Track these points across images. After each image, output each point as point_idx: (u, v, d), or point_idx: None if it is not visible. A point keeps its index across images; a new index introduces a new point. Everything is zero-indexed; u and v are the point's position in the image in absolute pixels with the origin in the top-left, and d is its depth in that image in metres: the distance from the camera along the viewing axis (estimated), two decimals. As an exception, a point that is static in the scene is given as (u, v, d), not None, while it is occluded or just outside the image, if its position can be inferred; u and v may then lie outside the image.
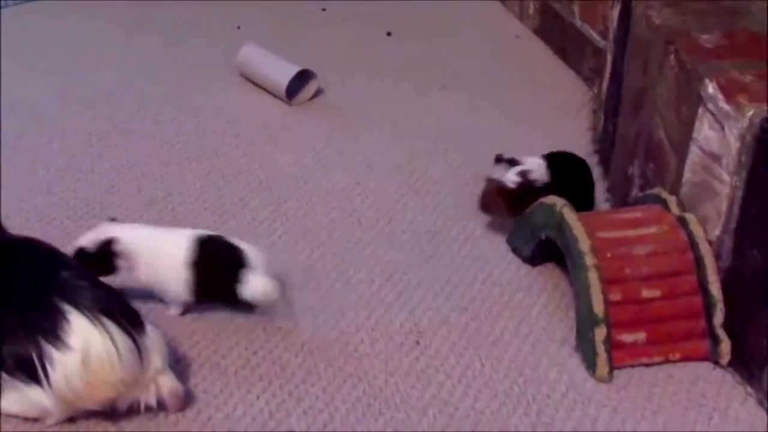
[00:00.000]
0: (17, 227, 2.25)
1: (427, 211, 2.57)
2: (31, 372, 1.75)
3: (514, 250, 2.36)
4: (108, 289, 1.86)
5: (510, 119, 3.03)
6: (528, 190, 2.31)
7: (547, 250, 2.24)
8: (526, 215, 2.25)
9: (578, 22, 3.28)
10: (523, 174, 2.32)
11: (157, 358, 1.81)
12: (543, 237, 2.19)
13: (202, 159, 2.79)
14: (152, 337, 1.81)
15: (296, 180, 2.69)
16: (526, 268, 2.35)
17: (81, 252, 2.06)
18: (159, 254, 2.08)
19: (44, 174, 2.70)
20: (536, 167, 2.37)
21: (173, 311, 2.13)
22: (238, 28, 3.65)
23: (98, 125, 2.96)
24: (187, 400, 1.89)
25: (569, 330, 2.12)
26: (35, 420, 1.82)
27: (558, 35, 3.45)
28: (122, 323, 1.76)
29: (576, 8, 3.29)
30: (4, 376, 1.78)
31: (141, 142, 2.88)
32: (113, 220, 2.37)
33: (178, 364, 1.95)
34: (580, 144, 2.79)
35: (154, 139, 2.89)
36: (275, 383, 1.99)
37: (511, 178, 2.31)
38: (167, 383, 1.83)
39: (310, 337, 2.11)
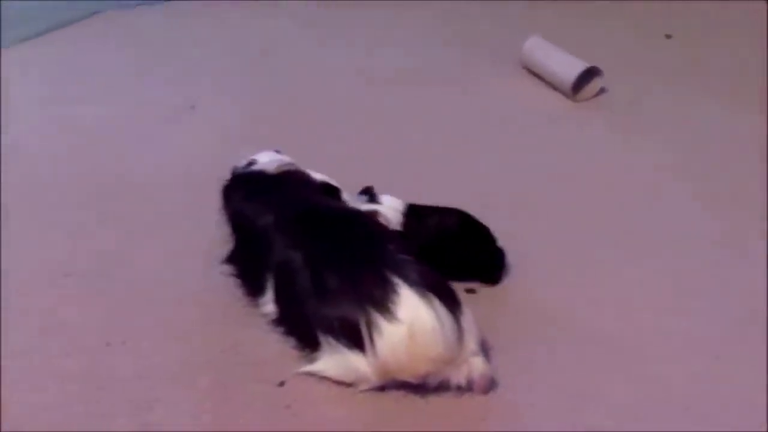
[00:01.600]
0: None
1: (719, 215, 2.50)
2: (356, 338, 1.80)
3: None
4: (428, 267, 1.88)
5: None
6: None
7: None
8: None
9: None
10: (372, 214, 2.14)
11: (471, 340, 1.83)
12: None
13: (490, 149, 2.82)
14: (468, 318, 1.84)
15: (584, 175, 2.69)
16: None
17: None
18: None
19: (337, 146, 2.77)
20: (390, 212, 2.17)
21: None
22: (520, 20, 3.64)
23: (384, 101, 3.06)
24: (492, 383, 1.91)
25: None
26: (348, 385, 1.88)
27: None
28: (446, 301, 1.79)
29: None
30: (330, 338, 1.85)
31: (428, 123, 2.95)
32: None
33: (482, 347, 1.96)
34: None
35: (440, 122, 2.96)
36: (577, 378, 1.97)
37: None
38: (479, 365, 1.85)
39: (609, 334, 2.09)
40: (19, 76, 3.15)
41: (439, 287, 1.81)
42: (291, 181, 2.12)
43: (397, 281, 1.78)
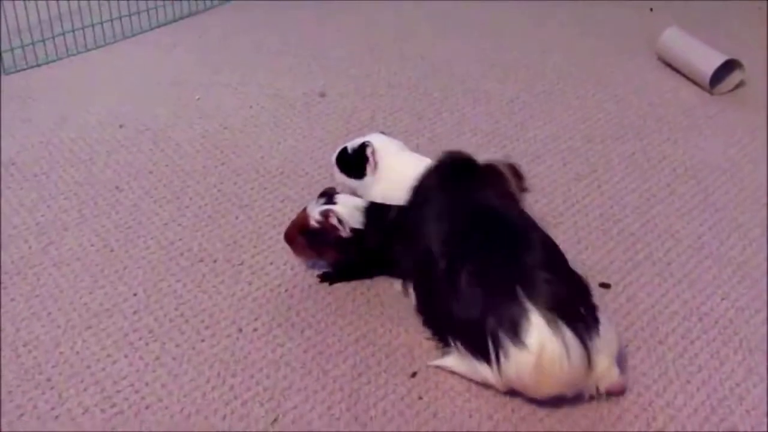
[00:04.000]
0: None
1: None
2: (483, 350, 1.79)
3: None
4: (569, 281, 1.83)
5: None
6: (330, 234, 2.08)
7: None
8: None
9: None
10: (325, 214, 2.08)
11: (604, 359, 1.79)
12: None
13: (624, 139, 2.76)
14: (604, 336, 1.78)
15: (723, 172, 2.61)
16: None
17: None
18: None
19: (471, 136, 2.76)
20: (346, 210, 2.10)
21: None
22: (651, 10, 3.56)
23: (520, 93, 2.99)
24: (626, 383, 1.88)
25: None
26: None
27: None
28: (578, 327, 1.74)
29: None
30: (458, 343, 1.84)
31: (563, 114, 2.87)
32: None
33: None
34: None
35: (575, 114, 2.88)
36: (715, 377, 1.92)
37: (314, 215, 2.10)
38: (611, 378, 1.82)
39: (749, 334, 2.04)
40: (156, 60, 3.20)
41: (572, 311, 1.76)
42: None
43: (530, 306, 1.74)
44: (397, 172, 2.22)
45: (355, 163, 2.30)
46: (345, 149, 2.32)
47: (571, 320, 1.73)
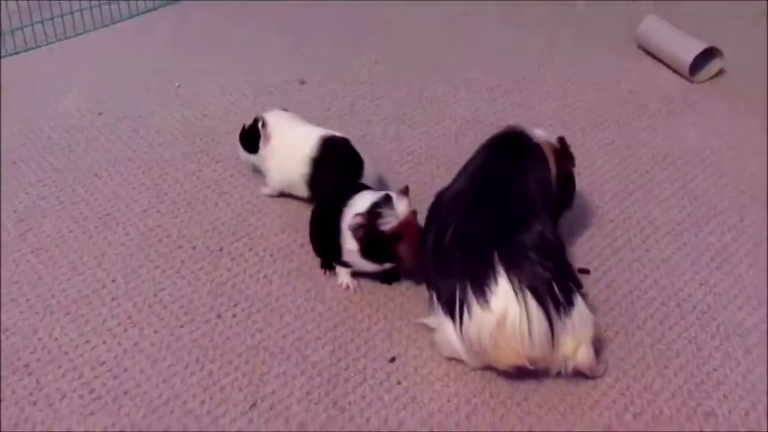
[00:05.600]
0: (427, 173, 2.43)
1: None
2: (452, 311, 1.81)
3: None
4: (554, 266, 1.82)
5: None
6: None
7: None
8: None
9: None
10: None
11: (572, 340, 1.79)
12: None
13: (603, 127, 2.76)
14: (576, 319, 1.79)
15: (702, 159, 2.61)
16: None
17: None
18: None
19: (451, 123, 2.76)
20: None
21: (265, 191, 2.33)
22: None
23: (501, 80, 2.99)
24: (604, 366, 1.89)
25: None
26: (459, 362, 1.89)
27: None
28: (545, 304, 1.75)
29: None
30: (435, 299, 1.86)
31: (543, 102, 2.88)
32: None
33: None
34: None
35: (555, 101, 2.89)
36: (692, 362, 1.93)
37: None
38: (581, 359, 1.82)
39: (726, 320, 2.05)
40: (135, 48, 3.21)
41: (544, 290, 1.76)
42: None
43: (501, 271, 1.76)
44: (290, 145, 2.27)
45: (249, 138, 2.35)
46: (243, 126, 2.37)
47: (541, 296, 1.75)
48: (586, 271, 2.14)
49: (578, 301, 1.79)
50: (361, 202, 1.98)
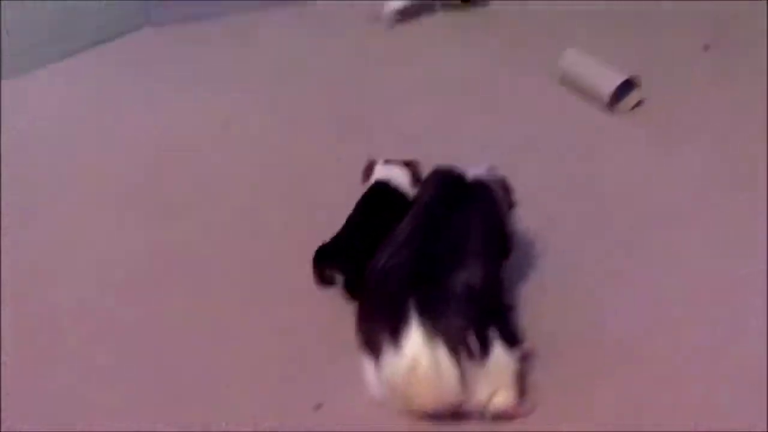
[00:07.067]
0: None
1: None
2: (372, 351, 1.83)
3: None
4: (472, 316, 1.83)
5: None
6: None
7: None
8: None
9: None
10: None
11: (488, 387, 1.81)
12: None
13: (526, 158, 2.77)
14: (492, 366, 1.81)
15: (622, 189, 2.65)
16: None
17: None
18: None
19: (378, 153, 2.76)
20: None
21: None
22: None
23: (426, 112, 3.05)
24: (529, 405, 1.91)
25: None
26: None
27: None
28: (457, 354, 1.77)
29: None
30: (364, 345, 1.87)
31: (467, 132, 2.95)
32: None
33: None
34: None
35: (479, 132, 2.95)
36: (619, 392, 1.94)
37: None
38: (499, 403, 1.84)
39: (645, 350, 2.08)
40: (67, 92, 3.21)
41: (459, 338, 1.78)
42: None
43: (415, 316, 1.77)
44: None
45: None
46: None
47: (453, 345, 1.76)
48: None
49: (496, 348, 1.81)
50: None
